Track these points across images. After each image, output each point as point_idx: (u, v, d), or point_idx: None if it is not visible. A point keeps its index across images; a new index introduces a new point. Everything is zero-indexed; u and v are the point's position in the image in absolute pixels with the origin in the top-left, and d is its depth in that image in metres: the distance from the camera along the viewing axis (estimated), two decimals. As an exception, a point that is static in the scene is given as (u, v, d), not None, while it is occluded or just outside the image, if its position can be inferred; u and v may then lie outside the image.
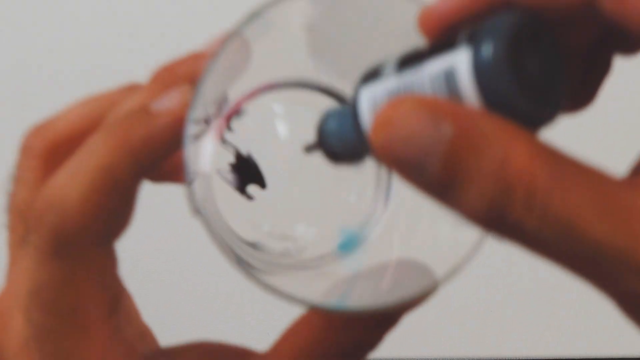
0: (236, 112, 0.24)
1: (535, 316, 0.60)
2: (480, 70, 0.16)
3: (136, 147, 0.20)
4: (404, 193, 0.23)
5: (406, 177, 0.16)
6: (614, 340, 0.60)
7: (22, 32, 0.63)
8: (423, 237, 0.24)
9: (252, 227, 0.25)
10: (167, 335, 0.24)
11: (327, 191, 0.25)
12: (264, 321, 0.61)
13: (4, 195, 0.23)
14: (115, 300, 0.22)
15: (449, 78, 0.17)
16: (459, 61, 0.17)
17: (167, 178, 0.24)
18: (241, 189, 0.24)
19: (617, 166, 0.19)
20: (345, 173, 0.23)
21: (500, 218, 0.16)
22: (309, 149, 0.22)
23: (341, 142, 0.20)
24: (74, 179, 0.20)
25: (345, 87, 0.24)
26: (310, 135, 0.21)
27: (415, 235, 0.24)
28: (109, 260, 0.22)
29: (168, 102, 0.21)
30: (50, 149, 0.22)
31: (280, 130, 0.25)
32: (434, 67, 0.17)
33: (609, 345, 0.60)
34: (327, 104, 0.24)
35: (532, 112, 0.17)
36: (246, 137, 0.24)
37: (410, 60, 0.18)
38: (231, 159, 0.24)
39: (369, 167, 0.24)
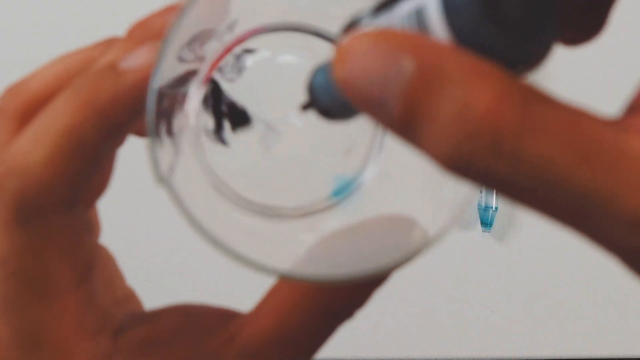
0: (223, 57, 0.23)
1: (535, 316, 0.60)
2: (448, 4, 0.15)
3: (103, 106, 0.19)
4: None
5: (368, 113, 0.15)
6: (614, 340, 0.60)
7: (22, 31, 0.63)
8: (417, 189, 0.22)
9: (242, 177, 0.23)
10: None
11: (320, 138, 0.24)
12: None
13: None
14: (87, 266, 0.21)
15: (420, 16, 0.16)
16: None
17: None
18: (220, 133, 0.23)
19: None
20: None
21: (468, 164, 0.14)
22: (305, 107, 0.20)
23: (330, 97, 0.19)
24: (37, 143, 0.19)
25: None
26: (302, 80, 0.20)
27: (409, 186, 0.23)
28: (79, 226, 0.21)
29: (137, 59, 0.20)
30: (24, 110, 0.21)
31: (273, 76, 0.24)
32: (407, 6, 0.16)
33: (609, 345, 0.60)
34: (324, 48, 0.23)
35: (510, 50, 0.15)
36: (236, 84, 0.23)
37: (385, 4, 0.17)
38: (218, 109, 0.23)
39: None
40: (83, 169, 0.20)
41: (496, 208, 0.59)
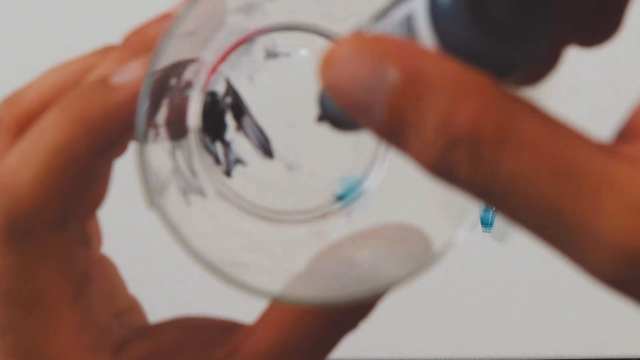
0: (224, 59, 0.22)
1: (534, 316, 0.60)
2: (435, 10, 0.15)
3: (94, 123, 0.19)
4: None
5: (355, 119, 0.15)
6: (614, 340, 0.60)
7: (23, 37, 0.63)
8: (424, 195, 0.22)
9: (246, 181, 0.23)
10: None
11: (326, 142, 0.23)
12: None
13: None
14: (83, 282, 0.21)
15: (410, 23, 0.15)
16: (417, 2, 0.15)
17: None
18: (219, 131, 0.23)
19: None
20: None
21: (450, 173, 0.15)
22: (319, 119, 0.20)
23: (335, 107, 0.18)
24: (26, 160, 0.19)
25: None
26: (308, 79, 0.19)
27: (417, 192, 0.22)
28: (72, 242, 0.21)
29: (128, 74, 0.19)
30: (20, 122, 0.20)
31: (276, 75, 0.23)
32: (399, 13, 0.16)
33: (609, 345, 0.60)
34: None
35: (498, 58, 0.15)
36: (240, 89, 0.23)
37: (384, 11, 0.17)
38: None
39: None
40: (74, 186, 0.19)
41: (496, 208, 0.59)
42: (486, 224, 0.59)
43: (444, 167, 0.15)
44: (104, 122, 0.19)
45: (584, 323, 0.60)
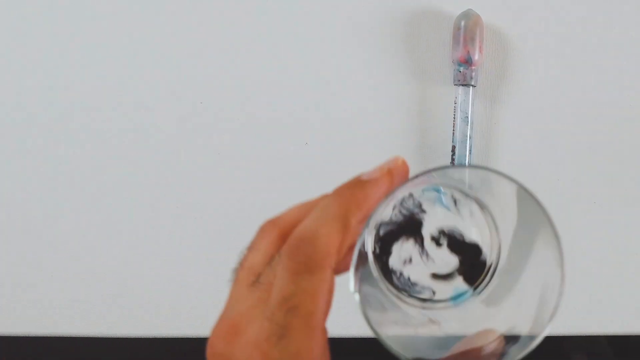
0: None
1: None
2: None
3: (358, 202, 0.29)
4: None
5: None
6: (596, 317, 0.61)
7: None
8: (513, 308, 0.31)
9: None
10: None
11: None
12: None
13: (238, 258, 0.33)
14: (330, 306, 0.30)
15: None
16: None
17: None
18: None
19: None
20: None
21: None
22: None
23: None
24: (319, 224, 0.29)
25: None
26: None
27: (507, 305, 0.32)
28: (334, 280, 0.29)
29: (376, 174, 0.30)
30: (279, 233, 0.32)
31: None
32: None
33: (582, 322, 0.61)
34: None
35: None
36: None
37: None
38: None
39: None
40: (346, 241, 0.29)
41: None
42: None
43: None
44: (362, 203, 0.29)
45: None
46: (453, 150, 0.60)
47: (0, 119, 0.63)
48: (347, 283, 0.30)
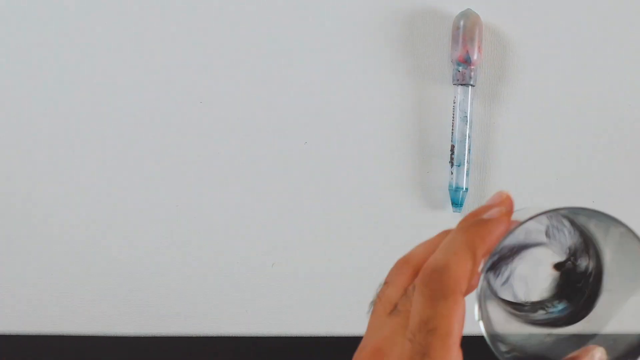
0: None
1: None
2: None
3: (482, 238, 0.33)
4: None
5: None
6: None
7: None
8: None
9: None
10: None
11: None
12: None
13: (375, 292, 0.37)
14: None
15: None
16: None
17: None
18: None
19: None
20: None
21: None
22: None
23: None
24: (449, 255, 0.32)
25: None
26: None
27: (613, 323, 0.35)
28: (464, 305, 0.33)
29: (495, 213, 0.34)
30: (411, 268, 0.36)
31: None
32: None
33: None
34: None
35: None
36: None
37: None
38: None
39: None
40: (473, 270, 0.32)
41: (466, 189, 0.61)
42: (456, 204, 0.61)
43: None
44: (486, 237, 0.33)
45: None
46: (452, 150, 0.60)
47: (0, 119, 0.63)
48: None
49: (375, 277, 0.34)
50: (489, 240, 0.33)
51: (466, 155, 0.60)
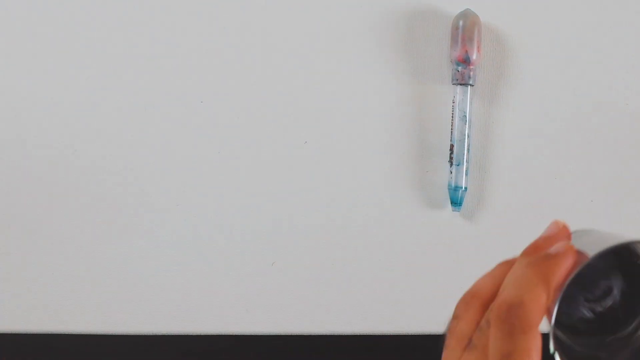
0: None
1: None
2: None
3: (553, 273, 0.34)
4: None
5: None
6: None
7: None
8: None
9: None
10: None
11: None
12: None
13: (446, 326, 0.38)
14: None
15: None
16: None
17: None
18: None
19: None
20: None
21: None
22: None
23: None
24: (523, 291, 0.34)
25: None
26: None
27: None
28: (540, 336, 0.34)
29: (562, 248, 0.35)
30: (480, 303, 0.37)
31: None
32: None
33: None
34: None
35: None
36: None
37: None
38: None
39: None
40: (547, 304, 0.34)
41: (465, 188, 0.61)
42: (456, 203, 0.61)
43: None
44: (553, 273, 0.34)
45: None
46: (451, 149, 0.61)
47: (0, 119, 0.63)
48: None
49: (375, 277, 0.34)
50: (559, 274, 0.35)
51: (465, 154, 0.60)
